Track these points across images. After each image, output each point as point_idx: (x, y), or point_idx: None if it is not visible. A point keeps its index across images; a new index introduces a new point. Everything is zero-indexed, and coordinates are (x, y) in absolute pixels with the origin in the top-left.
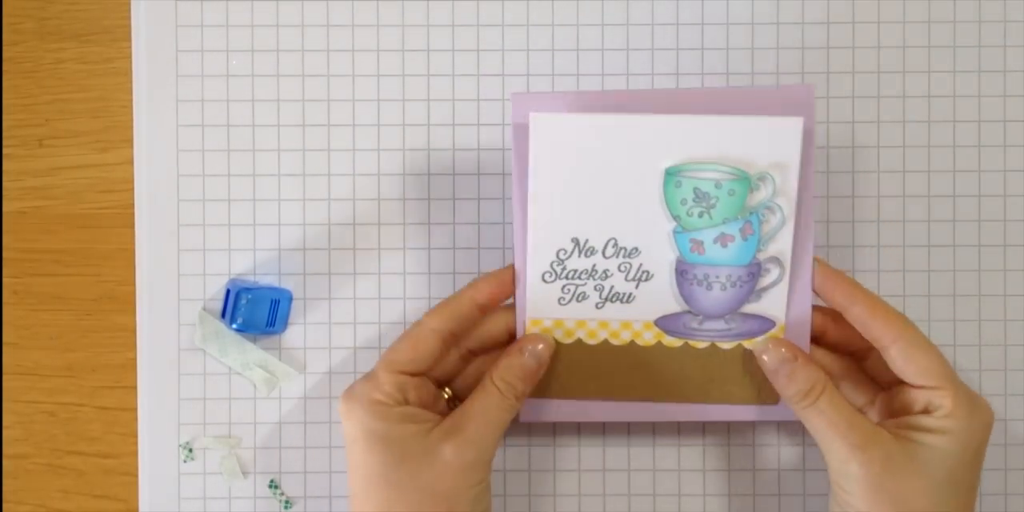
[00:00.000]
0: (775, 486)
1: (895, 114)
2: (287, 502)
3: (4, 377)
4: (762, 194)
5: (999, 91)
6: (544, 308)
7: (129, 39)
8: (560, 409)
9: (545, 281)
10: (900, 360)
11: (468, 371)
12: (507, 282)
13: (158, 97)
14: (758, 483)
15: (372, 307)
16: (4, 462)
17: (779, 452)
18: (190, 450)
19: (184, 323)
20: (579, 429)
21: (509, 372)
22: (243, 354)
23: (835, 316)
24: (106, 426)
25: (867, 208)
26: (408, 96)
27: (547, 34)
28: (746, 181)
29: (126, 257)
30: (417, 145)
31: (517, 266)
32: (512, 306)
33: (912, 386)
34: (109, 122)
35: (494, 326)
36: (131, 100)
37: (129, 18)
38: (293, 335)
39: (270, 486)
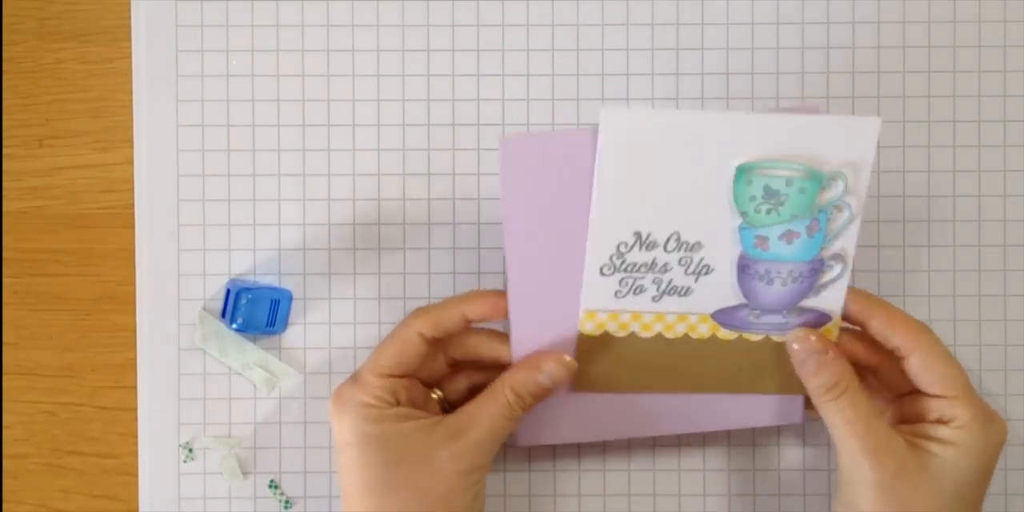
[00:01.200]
0: (775, 486)
1: (895, 114)
2: (287, 502)
3: (4, 377)
4: (832, 192)
5: (999, 91)
6: (600, 300)
7: (129, 39)
8: (557, 431)
9: (603, 274)
10: (918, 368)
11: (459, 380)
12: (501, 307)
13: (158, 97)
14: (758, 483)
15: (372, 307)
16: (4, 462)
17: (779, 452)
18: (190, 450)
19: (184, 323)
20: None
21: (523, 387)
22: (243, 354)
23: (845, 332)
24: (106, 426)
25: (868, 208)
26: (408, 96)
27: (547, 34)
28: (818, 179)
29: (126, 257)
30: (417, 145)
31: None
32: (505, 335)
33: (928, 395)
34: (109, 122)
35: (485, 349)
36: (131, 100)
37: (129, 18)
38: (293, 335)
39: (270, 486)
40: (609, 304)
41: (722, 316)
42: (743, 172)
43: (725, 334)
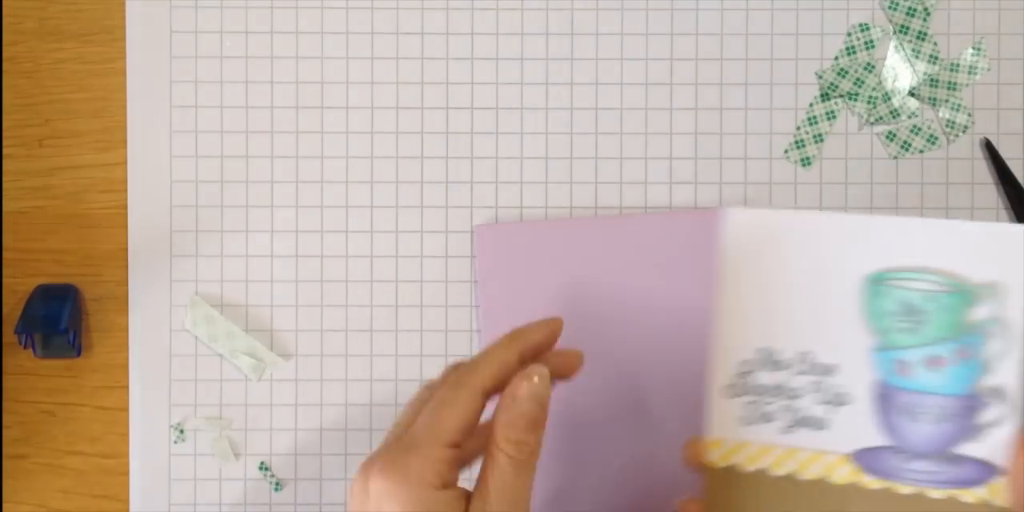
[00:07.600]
0: None
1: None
2: (277, 484)
3: (4, 377)
4: (983, 312)
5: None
6: (726, 427)
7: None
8: None
9: (726, 396)
10: None
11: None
12: (556, 330)
13: (152, 100)
14: None
15: (364, 290)
16: (4, 462)
17: None
18: (181, 431)
19: (176, 304)
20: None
21: (512, 429)
22: (231, 340)
23: None
24: (106, 426)
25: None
26: (402, 104)
27: (542, 42)
28: (965, 295)
29: (125, 257)
30: (410, 153)
31: None
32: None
33: None
34: (109, 122)
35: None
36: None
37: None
38: (284, 317)
39: (261, 468)
40: (736, 433)
41: (864, 458)
42: (875, 283)
43: (869, 482)
